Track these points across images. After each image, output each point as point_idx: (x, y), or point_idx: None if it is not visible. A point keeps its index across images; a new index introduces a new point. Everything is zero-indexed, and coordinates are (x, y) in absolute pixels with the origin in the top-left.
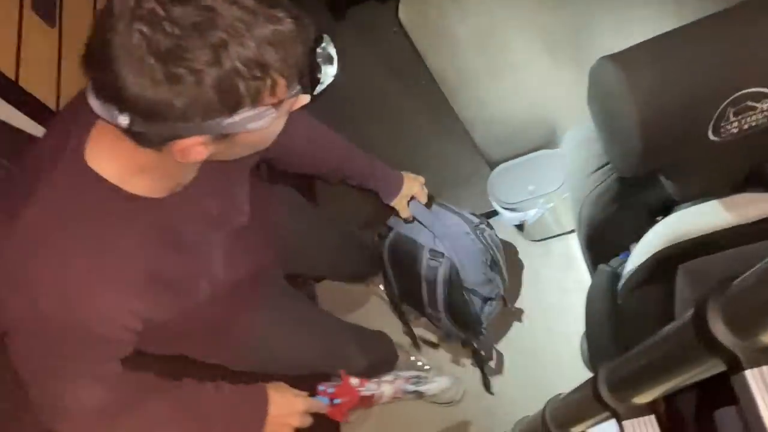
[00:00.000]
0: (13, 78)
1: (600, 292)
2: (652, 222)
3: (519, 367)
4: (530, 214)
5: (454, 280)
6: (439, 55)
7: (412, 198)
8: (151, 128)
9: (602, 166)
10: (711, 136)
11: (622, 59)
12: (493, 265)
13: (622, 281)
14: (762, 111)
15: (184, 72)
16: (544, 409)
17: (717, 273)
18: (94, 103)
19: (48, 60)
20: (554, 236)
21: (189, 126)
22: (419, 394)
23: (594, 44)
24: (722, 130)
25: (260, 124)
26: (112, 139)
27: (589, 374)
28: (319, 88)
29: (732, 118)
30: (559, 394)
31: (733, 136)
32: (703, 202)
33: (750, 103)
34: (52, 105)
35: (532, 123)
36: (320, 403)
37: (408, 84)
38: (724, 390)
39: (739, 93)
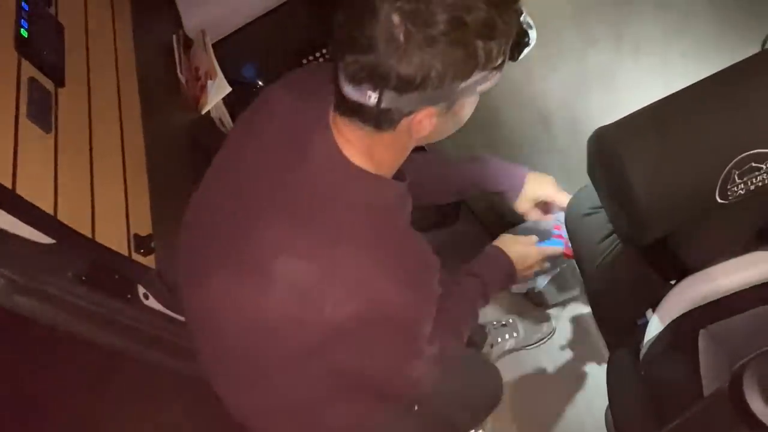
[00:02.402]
0: (10, 186)
1: (621, 367)
2: (666, 287)
3: None
4: (539, 281)
5: None
6: None
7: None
8: (399, 101)
9: (609, 234)
10: (718, 199)
11: (618, 130)
12: None
13: (644, 351)
14: (767, 171)
15: (437, 34)
16: None
17: (739, 336)
18: (348, 89)
19: (44, 165)
20: (564, 301)
21: (433, 94)
22: None
23: (587, 109)
24: (729, 192)
25: (486, 86)
26: (352, 129)
27: None
28: (524, 52)
29: (737, 180)
30: None
31: (741, 197)
32: (715, 263)
33: (754, 164)
34: (49, 209)
35: None
36: (555, 248)
37: None
38: None
39: (742, 155)
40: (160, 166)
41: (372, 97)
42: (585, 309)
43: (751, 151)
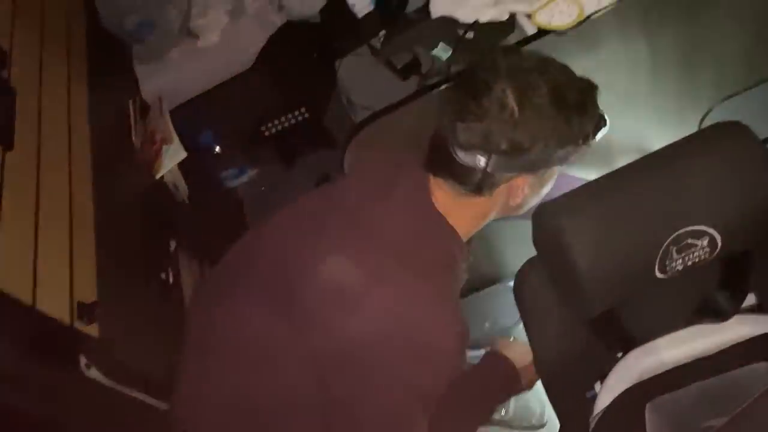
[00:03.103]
0: None
1: None
2: (613, 359)
3: None
4: None
5: None
6: None
7: None
8: (506, 165)
9: (557, 306)
10: (658, 274)
11: (560, 206)
12: None
13: (592, 424)
14: (703, 247)
15: (545, 104)
16: None
17: (685, 409)
18: (460, 154)
19: None
20: None
21: (535, 159)
22: None
23: None
24: (668, 267)
25: (573, 159)
26: (442, 189)
27: None
28: (601, 133)
29: (676, 256)
30: None
31: (680, 273)
32: (660, 336)
33: (691, 241)
34: None
35: (481, 258)
36: None
37: None
38: None
39: (679, 232)
40: (109, 232)
41: (482, 161)
42: None
43: (688, 228)
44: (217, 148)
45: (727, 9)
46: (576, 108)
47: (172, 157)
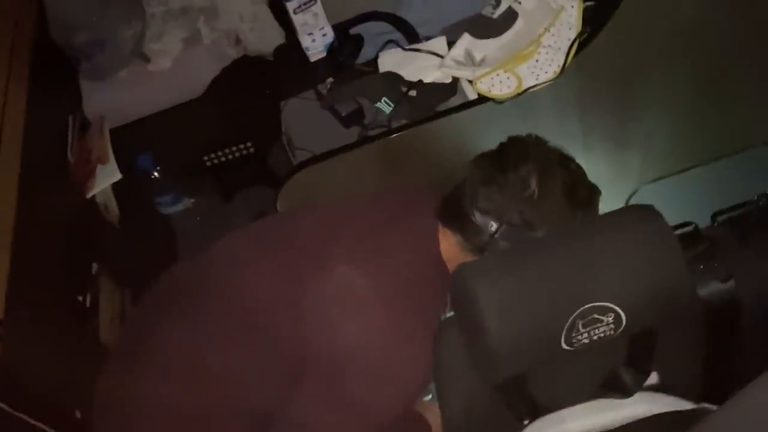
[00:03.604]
0: None
1: None
2: (519, 426)
3: None
4: None
5: None
6: None
7: None
8: (510, 236)
9: (468, 367)
10: (564, 346)
11: (476, 269)
12: None
13: None
14: (608, 323)
15: (559, 193)
16: None
17: None
18: (476, 215)
19: None
20: None
21: (531, 233)
22: None
23: None
24: (574, 340)
25: None
26: (447, 240)
27: None
28: None
29: (581, 330)
30: None
31: (586, 346)
32: (565, 406)
33: (596, 316)
34: None
35: None
36: None
37: None
38: None
39: (585, 307)
40: (27, 248)
41: (493, 227)
42: None
43: (594, 304)
44: (155, 173)
45: (657, 98)
46: (582, 205)
47: (106, 177)
